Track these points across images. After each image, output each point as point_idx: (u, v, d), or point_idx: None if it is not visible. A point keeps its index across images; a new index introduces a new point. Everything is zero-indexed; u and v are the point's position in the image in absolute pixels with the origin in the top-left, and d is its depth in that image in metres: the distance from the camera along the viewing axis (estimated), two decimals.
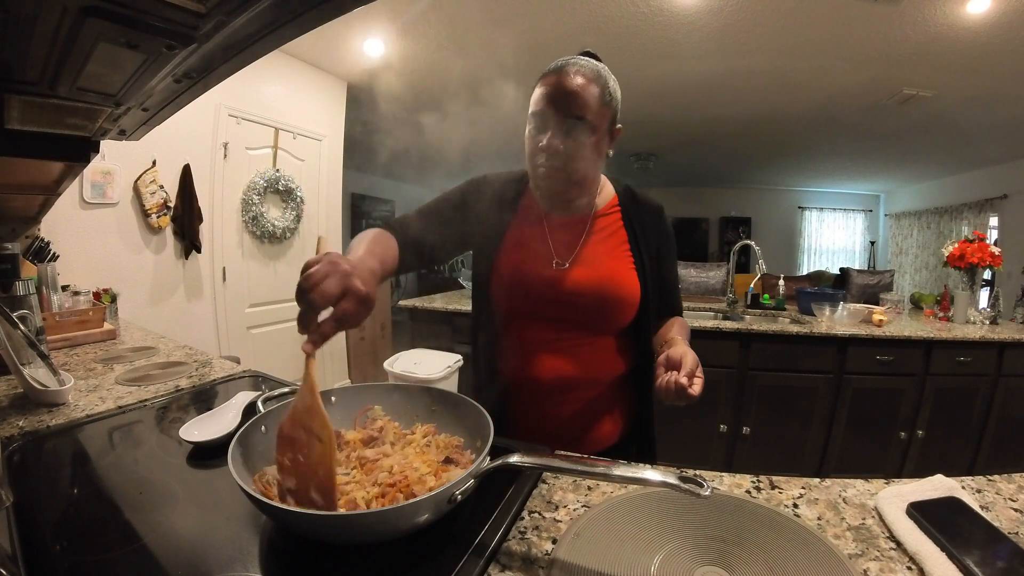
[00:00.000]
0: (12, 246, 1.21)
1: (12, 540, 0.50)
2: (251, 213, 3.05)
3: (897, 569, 0.49)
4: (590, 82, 0.79)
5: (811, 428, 2.29)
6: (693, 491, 0.45)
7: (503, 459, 0.53)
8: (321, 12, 0.45)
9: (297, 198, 3.30)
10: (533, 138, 0.83)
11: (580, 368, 0.88)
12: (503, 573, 0.49)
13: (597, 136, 0.81)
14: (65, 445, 0.80)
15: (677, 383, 0.69)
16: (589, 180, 0.87)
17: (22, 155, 0.76)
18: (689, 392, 0.69)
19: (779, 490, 0.65)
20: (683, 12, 2.54)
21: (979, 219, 5.58)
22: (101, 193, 2.36)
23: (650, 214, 0.94)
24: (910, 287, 6.49)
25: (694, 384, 0.70)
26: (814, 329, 2.25)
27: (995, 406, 2.21)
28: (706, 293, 3.32)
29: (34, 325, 1.11)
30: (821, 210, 7.99)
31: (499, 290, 0.90)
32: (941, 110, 3.71)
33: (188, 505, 0.62)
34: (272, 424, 0.65)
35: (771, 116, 4.20)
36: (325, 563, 0.51)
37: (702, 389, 0.70)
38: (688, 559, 0.51)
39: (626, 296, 0.87)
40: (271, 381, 1.11)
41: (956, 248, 2.57)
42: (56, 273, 1.71)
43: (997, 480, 0.67)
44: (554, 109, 0.79)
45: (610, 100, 0.82)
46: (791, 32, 2.69)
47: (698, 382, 0.70)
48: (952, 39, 2.59)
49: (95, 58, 0.50)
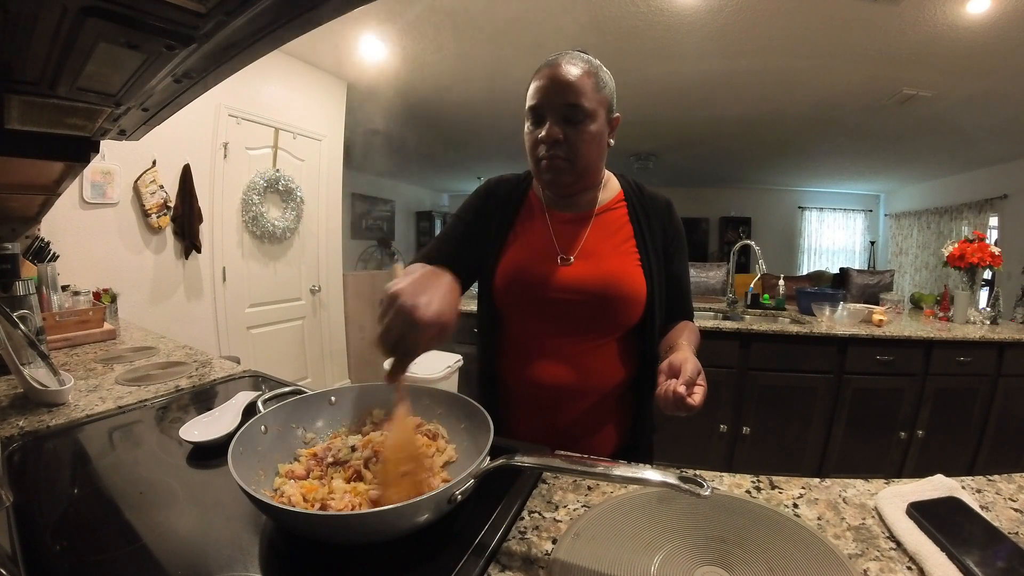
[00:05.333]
0: (12, 246, 1.21)
1: (12, 540, 0.50)
2: (251, 213, 3.05)
3: (897, 569, 0.49)
4: (582, 70, 0.79)
5: (811, 428, 2.29)
6: (693, 491, 0.45)
7: (503, 459, 0.53)
8: (321, 12, 0.45)
9: (297, 198, 3.30)
10: (532, 132, 0.83)
11: (580, 376, 0.86)
12: (503, 573, 0.49)
13: (596, 123, 0.81)
14: (65, 445, 0.81)
15: (675, 392, 0.65)
16: (592, 169, 0.86)
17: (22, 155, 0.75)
18: (688, 402, 0.65)
19: (779, 490, 0.65)
20: (683, 12, 2.54)
21: (979, 219, 5.58)
22: (101, 193, 2.36)
23: (658, 209, 0.91)
24: (910, 287, 6.49)
25: (694, 393, 0.66)
26: (814, 329, 2.25)
27: (995, 406, 2.21)
28: (706, 293, 3.33)
29: (34, 325, 1.11)
30: (821, 210, 7.99)
31: (502, 289, 0.89)
32: (941, 110, 3.71)
33: (188, 505, 0.62)
34: (272, 424, 0.65)
35: (771, 116, 4.20)
36: (325, 563, 0.51)
37: (704, 399, 0.66)
38: (688, 559, 0.51)
39: (631, 293, 0.84)
40: (271, 381, 1.11)
41: (956, 248, 2.57)
42: (56, 273, 1.71)
43: (997, 480, 0.67)
44: (550, 99, 0.79)
45: (604, 87, 0.82)
46: (791, 32, 2.69)
47: (699, 391, 0.66)
48: (952, 39, 2.59)
49: (95, 58, 0.50)
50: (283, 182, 3.20)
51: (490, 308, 0.92)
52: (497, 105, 3.98)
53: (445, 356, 2.34)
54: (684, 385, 0.65)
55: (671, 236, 0.91)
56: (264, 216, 3.12)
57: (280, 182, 3.18)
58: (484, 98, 3.91)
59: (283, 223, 3.23)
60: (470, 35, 2.89)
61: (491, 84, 3.57)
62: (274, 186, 3.16)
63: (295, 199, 3.29)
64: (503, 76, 3.39)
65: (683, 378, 0.66)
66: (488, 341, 0.94)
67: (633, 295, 0.85)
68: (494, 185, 0.97)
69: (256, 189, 3.04)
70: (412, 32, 2.85)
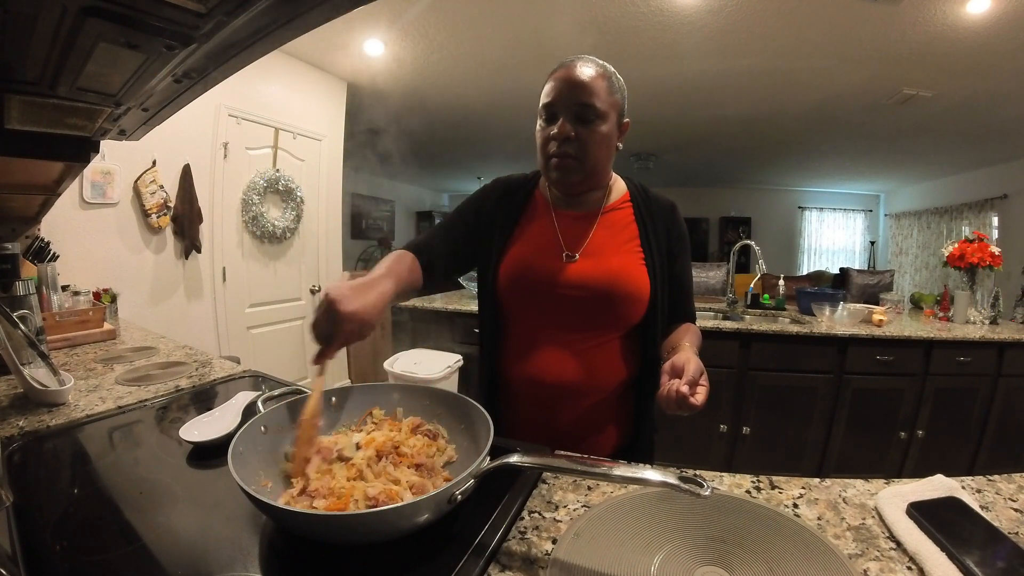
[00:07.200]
0: (12, 246, 1.21)
1: (12, 540, 0.50)
2: (251, 213, 3.05)
3: (897, 569, 0.49)
4: (596, 72, 0.81)
5: (811, 428, 2.29)
6: (693, 491, 0.45)
7: (503, 459, 0.53)
8: (321, 12, 0.45)
9: (297, 198, 3.30)
10: (544, 129, 0.84)
11: (582, 373, 0.86)
12: (503, 573, 0.49)
13: (606, 125, 0.82)
14: (65, 445, 0.80)
15: (678, 392, 0.65)
16: (599, 169, 0.87)
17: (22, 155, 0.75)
18: (690, 402, 0.65)
19: (779, 490, 0.65)
20: (683, 12, 2.54)
21: (979, 219, 5.58)
22: (101, 193, 2.36)
23: (662, 211, 0.93)
24: (910, 287, 6.49)
25: (697, 393, 0.66)
26: (814, 329, 2.25)
27: (995, 406, 2.21)
28: (706, 293, 3.33)
29: (34, 325, 1.11)
30: (821, 210, 8.00)
31: (506, 285, 0.89)
32: (941, 110, 3.71)
33: (188, 505, 0.62)
34: (272, 424, 0.65)
35: (771, 116, 4.20)
36: (325, 563, 0.50)
37: (706, 399, 0.67)
38: (688, 559, 0.51)
39: (634, 291, 0.85)
40: (271, 381, 1.11)
41: (956, 248, 2.56)
42: (56, 273, 1.71)
43: (997, 480, 0.67)
44: (564, 97, 0.81)
45: (616, 91, 0.84)
46: (791, 32, 2.69)
47: (701, 391, 0.67)
48: (952, 39, 2.59)
49: (95, 58, 0.50)
50: (283, 182, 3.20)
51: (492, 305, 0.93)
52: (497, 105, 3.98)
53: (445, 356, 2.34)
54: (687, 385, 0.66)
55: (675, 238, 0.92)
56: (264, 216, 3.12)
57: (280, 182, 3.18)
58: (484, 98, 3.91)
59: (283, 223, 3.23)
60: (470, 35, 2.89)
61: (491, 84, 3.58)
62: (274, 186, 3.16)
63: (295, 199, 3.29)
64: (503, 76, 3.39)
65: (686, 377, 0.67)
66: (490, 338, 0.94)
67: (637, 293, 0.86)
68: (501, 183, 0.99)
69: (256, 189, 3.04)
70: (412, 32, 2.85)
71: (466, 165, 6.98)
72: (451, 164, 6.89)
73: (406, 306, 2.72)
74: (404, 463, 0.61)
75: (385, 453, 0.62)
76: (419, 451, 0.63)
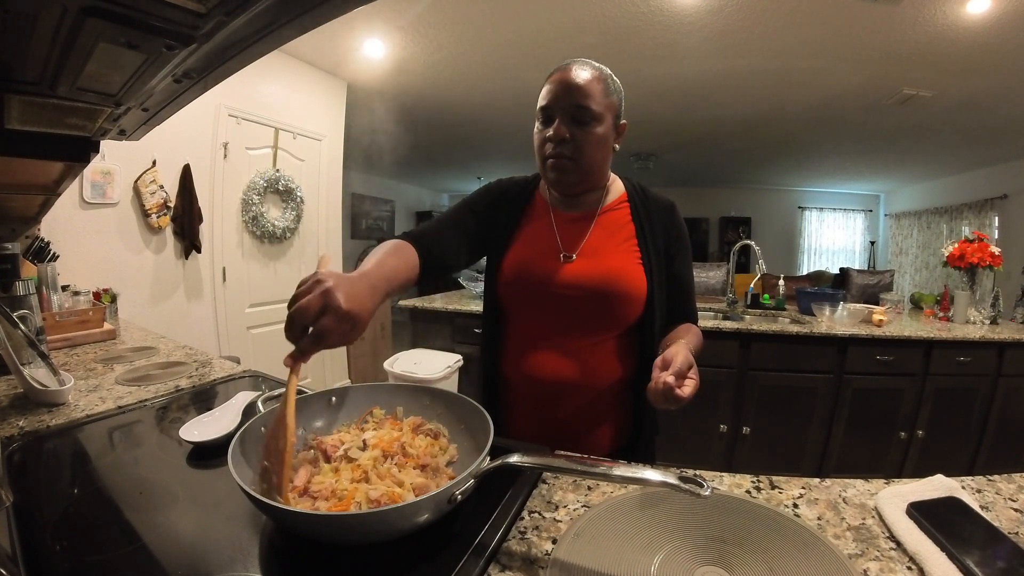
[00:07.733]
0: (12, 246, 1.21)
1: (12, 540, 0.50)
2: (251, 213, 3.05)
3: (897, 569, 0.49)
4: (592, 75, 0.82)
5: (811, 428, 2.29)
6: (693, 491, 0.45)
7: (503, 459, 0.53)
8: (321, 12, 0.45)
9: (297, 198, 3.30)
10: (541, 131, 0.86)
11: (580, 371, 0.87)
12: (503, 573, 0.49)
13: (602, 126, 0.83)
14: (65, 445, 0.80)
15: (664, 383, 0.63)
16: (596, 170, 0.88)
17: (22, 155, 0.75)
18: (676, 393, 0.63)
19: (779, 490, 0.65)
20: (683, 12, 2.54)
21: (979, 219, 5.58)
22: (101, 193, 2.36)
23: (661, 211, 0.92)
24: (910, 287, 6.49)
25: (684, 386, 0.64)
26: (814, 329, 2.25)
27: (995, 406, 2.21)
28: (706, 293, 3.33)
29: (34, 325, 1.11)
30: (821, 210, 8.00)
31: (506, 285, 0.91)
32: (941, 110, 3.71)
33: (188, 505, 0.62)
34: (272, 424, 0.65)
35: (771, 116, 4.20)
36: (325, 563, 0.50)
37: (694, 392, 0.65)
38: (688, 559, 0.51)
39: (631, 290, 0.85)
40: (271, 381, 1.11)
41: (956, 248, 2.56)
42: (56, 273, 1.71)
43: (997, 480, 0.67)
44: (560, 99, 0.82)
45: (612, 93, 0.85)
46: (791, 32, 2.69)
47: (689, 384, 0.65)
48: (952, 39, 2.59)
49: (95, 58, 0.50)
50: (283, 182, 3.20)
51: (494, 305, 0.95)
52: (497, 105, 3.98)
53: (445, 356, 2.34)
54: (673, 376, 0.63)
55: (673, 237, 0.92)
56: (264, 216, 3.12)
57: (280, 182, 3.18)
58: (484, 98, 3.91)
59: (283, 223, 3.23)
60: (470, 35, 2.89)
61: (491, 84, 3.58)
62: (274, 186, 3.16)
63: (295, 199, 3.29)
64: (503, 76, 3.39)
65: (672, 368, 0.64)
66: (491, 337, 0.96)
67: (633, 292, 0.86)
68: (504, 184, 1.00)
69: (256, 189, 3.04)
70: (412, 32, 2.85)
71: (466, 165, 6.98)
72: (451, 164, 6.89)
73: (406, 306, 2.72)
74: (409, 464, 0.61)
75: (392, 454, 0.61)
76: (424, 451, 0.63)
